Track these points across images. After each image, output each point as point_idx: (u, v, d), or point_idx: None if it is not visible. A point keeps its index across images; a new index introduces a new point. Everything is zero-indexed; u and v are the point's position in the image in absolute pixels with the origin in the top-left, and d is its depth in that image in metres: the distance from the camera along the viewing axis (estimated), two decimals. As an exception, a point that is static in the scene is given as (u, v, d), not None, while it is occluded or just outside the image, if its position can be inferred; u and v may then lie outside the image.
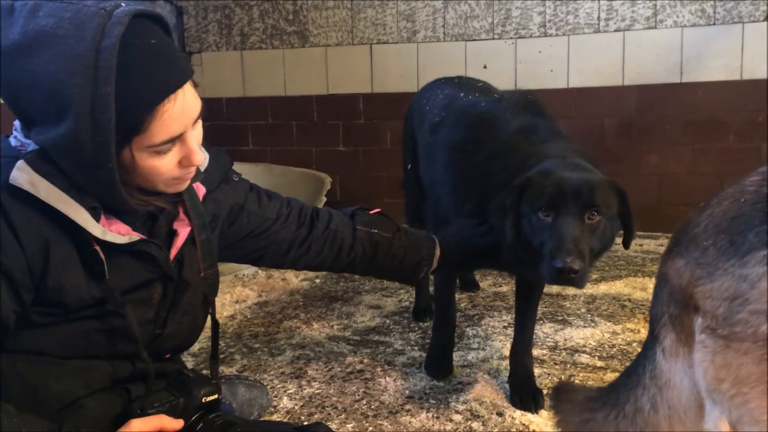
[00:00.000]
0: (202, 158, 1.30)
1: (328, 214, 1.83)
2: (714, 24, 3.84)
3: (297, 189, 4.51)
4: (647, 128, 4.04)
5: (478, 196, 1.98)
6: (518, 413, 2.05)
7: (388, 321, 2.90)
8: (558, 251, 1.70)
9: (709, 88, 3.87)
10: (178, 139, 1.24)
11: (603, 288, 3.24)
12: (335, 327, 2.83)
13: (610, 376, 2.27)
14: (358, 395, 2.20)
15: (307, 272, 3.63)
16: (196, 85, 1.29)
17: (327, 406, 2.13)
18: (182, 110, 1.21)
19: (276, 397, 2.20)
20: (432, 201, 2.35)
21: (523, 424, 1.99)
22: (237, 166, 5.28)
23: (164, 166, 1.25)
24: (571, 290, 3.21)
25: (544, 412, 2.05)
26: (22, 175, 1.16)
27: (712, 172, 3.97)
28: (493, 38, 4.22)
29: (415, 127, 2.62)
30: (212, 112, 4.92)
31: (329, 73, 4.60)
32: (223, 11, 4.82)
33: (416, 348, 2.56)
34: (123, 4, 1.17)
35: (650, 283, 3.23)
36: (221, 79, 4.86)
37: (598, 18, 4.04)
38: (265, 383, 2.22)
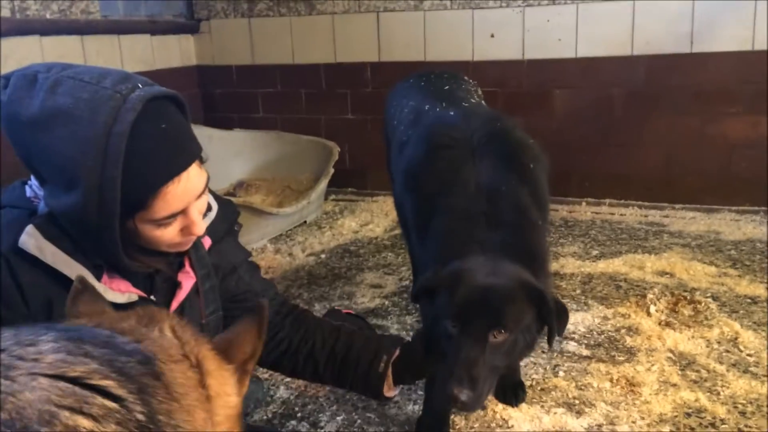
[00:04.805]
0: (203, 229, 1.37)
1: (305, 312, 1.82)
2: (727, -8, 3.73)
3: (306, 158, 4.58)
4: (655, 99, 3.99)
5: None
6: (500, 407, 2.16)
7: (387, 302, 3.00)
8: (452, 376, 1.60)
9: (719, 58, 3.78)
10: (181, 213, 1.32)
11: (601, 266, 3.29)
12: (336, 309, 2.94)
13: (595, 367, 2.36)
14: (351, 385, 2.32)
15: (314, 247, 3.75)
16: (203, 162, 1.35)
17: (320, 397, 2.25)
18: (185, 190, 1.28)
19: (273, 386, 2.33)
20: (401, 220, 2.34)
21: (503, 419, 2.10)
22: (249, 134, 5.31)
23: (166, 235, 1.33)
24: (568, 269, 3.28)
25: (524, 406, 2.15)
26: (30, 240, 1.26)
27: (720, 143, 3.93)
28: (501, 6, 4.15)
29: (390, 137, 2.61)
30: (223, 79, 4.96)
31: (336, 41, 4.58)
32: (231, -23, 4.79)
33: (412, 333, 2.66)
34: (140, 85, 1.23)
35: (648, 261, 3.29)
36: (230, 46, 4.87)
37: (609, -16, 3.94)
38: (263, 371, 2.34)
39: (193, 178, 1.29)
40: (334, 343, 1.72)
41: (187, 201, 1.30)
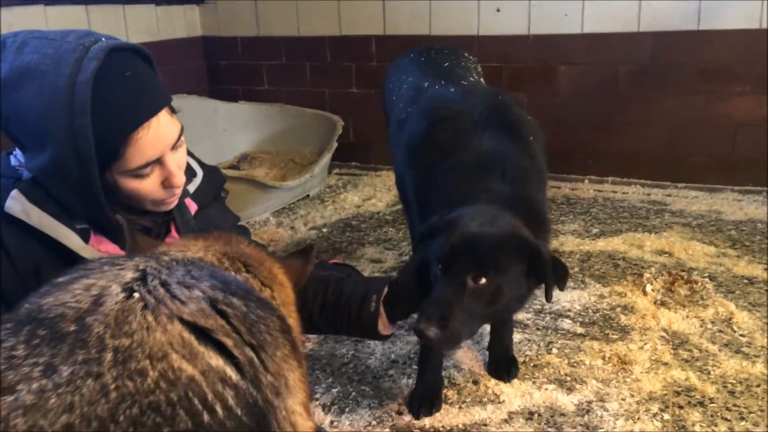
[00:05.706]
0: (182, 180, 1.40)
1: None
2: (737, -33, 3.67)
3: (310, 131, 4.59)
4: (661, 76, 3.95)
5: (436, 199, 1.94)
6: (492, 382, 2.19)
7: (386, 277, 3.03)
8: (422, 312, 1.63)
9: (726, 36, 3.74)
10: (156, 163, 1.34)
11: (601, 244, 3.30)
12: (335, 282, 2.97)
13: (588, 344, 2.39)
14: (347, 358, 2.36)
15: (316, 221, 3.77)
16: (174, 112, 1.37)
17: (317, 369, 2.30)
18: (156, 137, 1.31)
19: (271, 358, 2.37)
20: (402, 196, 2.36)
21: (495, 394, 2.13)
22: (253, 106, 5.29)
23: (146, 188, 1.36)
24: (567, 247, 3.30)
25: (516, 382, 2.19)
26: (16, 205, 1.29)
27: (725, 123, 3.90)
28: (507, -20, 4.10)
29: (389, 112, 2.60)
30: (228, 51, 4.94)
31: (342, 13, 4.55)
32: (236, -53, 4.75)
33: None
34: (103, 38, 1.26)
35: (648, 240, 3.29)
36: (235, 17, 4.84)
37: (617, -42, 3.89)
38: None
39: (164, 125, 1.32)
40: (324, 293, 1.73)
41: (160, 149, 1.32)
